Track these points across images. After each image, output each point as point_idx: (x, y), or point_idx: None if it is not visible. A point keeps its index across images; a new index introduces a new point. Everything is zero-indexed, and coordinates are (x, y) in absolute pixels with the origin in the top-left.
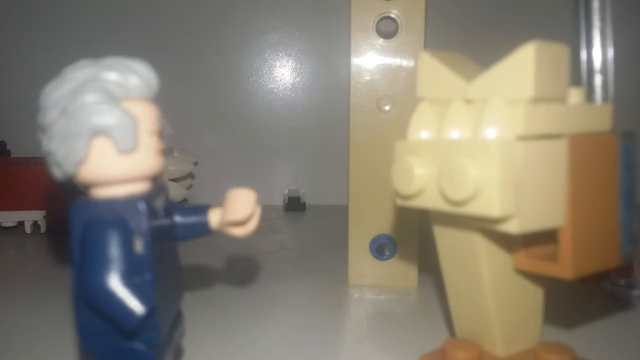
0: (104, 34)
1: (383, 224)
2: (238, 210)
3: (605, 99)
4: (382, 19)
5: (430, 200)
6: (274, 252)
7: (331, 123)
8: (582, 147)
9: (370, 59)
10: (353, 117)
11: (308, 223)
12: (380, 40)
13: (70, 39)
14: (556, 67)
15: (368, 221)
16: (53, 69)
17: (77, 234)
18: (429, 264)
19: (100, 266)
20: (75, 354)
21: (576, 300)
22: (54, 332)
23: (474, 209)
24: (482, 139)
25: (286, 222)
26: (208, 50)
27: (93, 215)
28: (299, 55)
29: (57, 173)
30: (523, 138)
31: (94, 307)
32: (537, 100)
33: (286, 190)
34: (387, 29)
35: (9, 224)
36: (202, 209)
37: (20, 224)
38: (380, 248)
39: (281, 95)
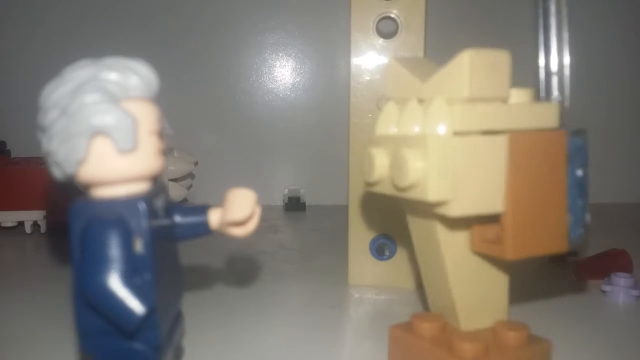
0: (104, 34)
1: (383, 224)
2: (238, 210)
3: (561, 98)
4: (382, 19)
5: (386, 187)
6: (274, 252)
7: (331, 123)
8: (522, 142)
9: (370, 59)
10: (353, 117)
11: (308, 223)
12: (380, 40)
13: (70, 39)
14: (495, 70)
15: (368, 221)
16: (53, 69)
17: (77, 233)
18: None
19: (100, 266)
20: (75, 354)
21: (576, 299)
22: (54, 332)
23: (415, 194)
24: (421, 134)
25: (286, 222)
26: (208, 50)
27: (93, 215)
28: (299, 55)
29: (57, 173)
30: (459, 133)
31: (94, 307)
32: (473, 100)
33: (286, 190)
34: (387, 29)
35: (9, 224)
36: (202, 209)
37: (21, 223)
38: (380, 248)
39: (281, 95)
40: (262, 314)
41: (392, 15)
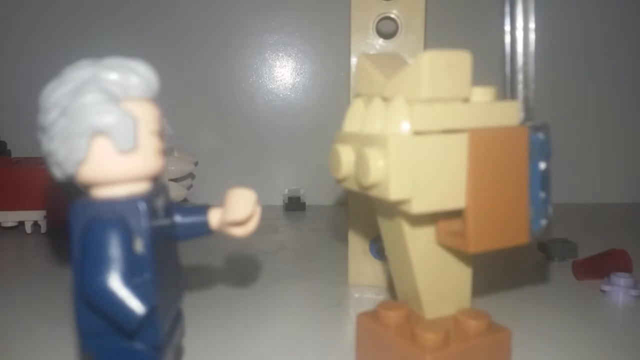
0: (103, 33)
1: None
2: (238, 210)
3: (527, 95)
4: (382, 19)
5: (352, 184)
6: (274, 252)
7: (331, 123)
8: (482, 139)
9: None
10: None
11: (308, 223)
12: (380, 40)
13: (70, 39)
14: (455, 71)
15: (368, 221)
16: (53, 69)
17: (78, 234)
18: None
19: (100, 266)
20: (75, 354)
21: (576, 299)
22: (54, 332)
23: (377, 192)
24: (382, 134)
25: (286, 222)
26: (208, 50)
27: (93, 215)
28: (299, 56)
29: (58, 173)
30: (419, 133)
31: (95, 307)
32: (433, 100)
33: (286, 190)
34: (387, 29)
35: (10, 224)
36: (202, 209)
37: (21, 223)
38: (380, 248)
39: (281, 95)
40: (262, 313)
41: (392, 16)
